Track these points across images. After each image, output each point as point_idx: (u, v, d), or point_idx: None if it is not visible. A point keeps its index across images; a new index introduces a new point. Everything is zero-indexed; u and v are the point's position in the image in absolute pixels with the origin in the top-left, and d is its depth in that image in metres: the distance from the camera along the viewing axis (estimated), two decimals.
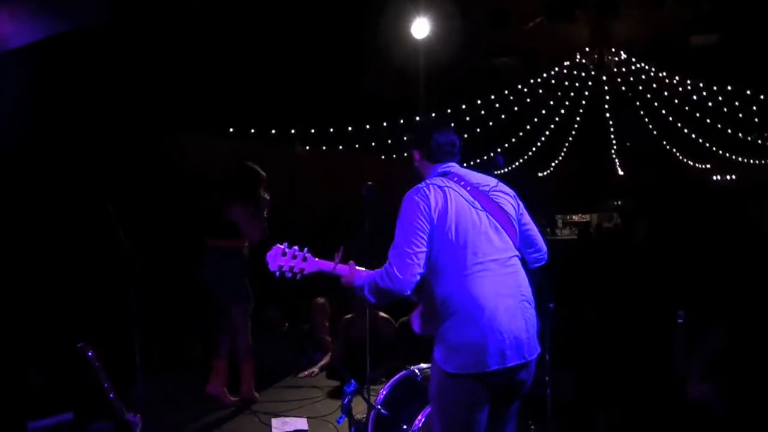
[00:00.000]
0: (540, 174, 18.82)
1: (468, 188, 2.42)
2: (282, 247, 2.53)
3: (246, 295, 4.88)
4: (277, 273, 2.52)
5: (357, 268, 2.55)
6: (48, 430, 3.52)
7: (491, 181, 2.54)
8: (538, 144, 17.10)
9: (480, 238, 2.31)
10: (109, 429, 3.39)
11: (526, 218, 2.58)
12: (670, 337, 4.75)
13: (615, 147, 18.13)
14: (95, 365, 1.90)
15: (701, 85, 14.15)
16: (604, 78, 15.17)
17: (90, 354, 1.91)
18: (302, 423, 4.56)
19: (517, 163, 16.96)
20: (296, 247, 2.56)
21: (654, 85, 15.18)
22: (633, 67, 15.05)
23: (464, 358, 2.22)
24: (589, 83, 15.48)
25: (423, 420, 3.02)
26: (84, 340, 1.92)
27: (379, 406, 3.32)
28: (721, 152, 17.46)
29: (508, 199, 2.49)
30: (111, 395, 1.92)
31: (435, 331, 2.32)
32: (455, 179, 2.46)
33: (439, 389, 2.34)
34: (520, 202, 2.57)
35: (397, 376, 3.47)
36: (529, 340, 2.30)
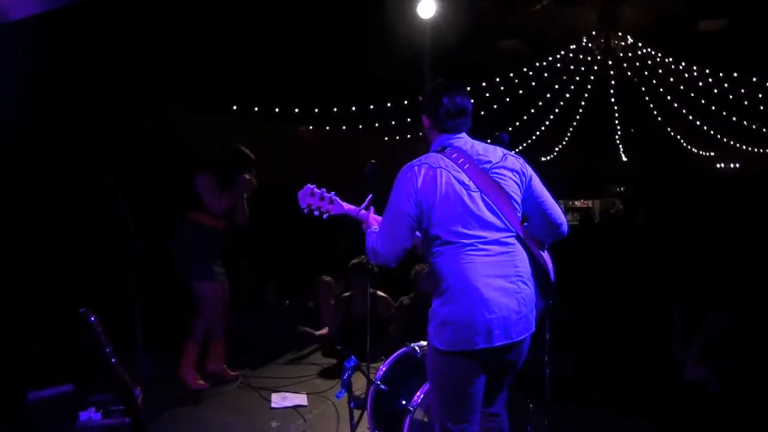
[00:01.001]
0: (543, 158, 18.71)
1: (466, 166, 2.34)
2: (311, 187, 2.71)
3: (208, 272, 4.66)
4: (306, 210, 2.70)
5: (378, 218, 2.57)
6: (48, 402, 3.52)
7: (495, 156, 2.43)
8: (542, 128, 16.99)
9: (471, 219, 2.28)
10: (110, 400, 3.43)
11: (540, 191, 2.50)
12: (669, 323, 4.78)
13: (619, 133, 18.01)
14: (98, 330, 1.90)
15: (707, 71, 14.03)
16: (610, 63, 15.02)
17: (92, 319, 1.91)
18: (302, 398, 4.60)
19: (520, 147, 16.87)
20: (324, 189, 2.74)
21: (660, 71, 15.05)
22: (639, 53, 14.90)
23: (452, 335, 2.24)
24: (595, 68, 15.33)
25: (422, 396, 3.04)
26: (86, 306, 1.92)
27: (379, 382, 3.34)
28: (725, 140, 17.37)
29: (511, 175, 2.40)
30: (113, 360, 1.92)
31: (433, 288, 2.37)
32: (454, 155, 2.37)
33: (432, 365, 2.38)
34: (529, 175, 2.47)
35: (397, 352, 3.49)
36: (518, 320, 2.28)
